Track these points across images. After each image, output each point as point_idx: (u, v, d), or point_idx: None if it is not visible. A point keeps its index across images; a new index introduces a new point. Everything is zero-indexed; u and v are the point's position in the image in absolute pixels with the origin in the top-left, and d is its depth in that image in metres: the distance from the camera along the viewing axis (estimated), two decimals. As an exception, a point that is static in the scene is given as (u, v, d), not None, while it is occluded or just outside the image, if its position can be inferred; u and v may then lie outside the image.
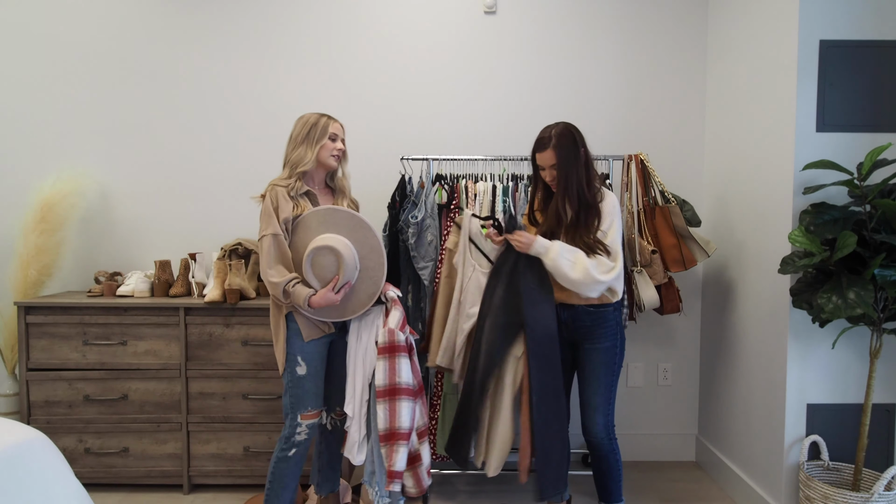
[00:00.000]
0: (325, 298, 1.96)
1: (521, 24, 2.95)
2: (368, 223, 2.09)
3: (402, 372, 2.02)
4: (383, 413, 2.01)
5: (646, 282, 2.47)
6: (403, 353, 2.04)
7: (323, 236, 2.02)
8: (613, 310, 2.06)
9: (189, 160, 2.97)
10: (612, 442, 2.10)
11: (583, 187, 2.00)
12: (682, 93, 2.95)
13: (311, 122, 2.10)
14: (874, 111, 2.13)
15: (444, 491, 2.68)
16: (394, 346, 2.03)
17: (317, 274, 1.99)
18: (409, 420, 2.02)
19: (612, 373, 2.06)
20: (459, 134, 2.96)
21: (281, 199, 2.02)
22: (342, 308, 2.07)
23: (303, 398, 2.06)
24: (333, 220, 2.06)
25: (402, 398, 2.01)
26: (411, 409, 2.04)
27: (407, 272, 2.64)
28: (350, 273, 2.02)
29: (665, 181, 2.78)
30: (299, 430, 2.06)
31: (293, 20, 2.94)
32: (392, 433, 2.01)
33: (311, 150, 2.08)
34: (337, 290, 1.98)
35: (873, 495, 1.90)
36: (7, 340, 2.78)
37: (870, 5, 2.12)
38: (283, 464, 2.08)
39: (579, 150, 2.01)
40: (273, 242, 1.99)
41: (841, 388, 2.19)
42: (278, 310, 2.07)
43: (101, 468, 2.59)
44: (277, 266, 1.99)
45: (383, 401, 2.01)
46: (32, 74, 2.93)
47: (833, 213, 1.98)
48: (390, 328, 2.03)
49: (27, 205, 2.78)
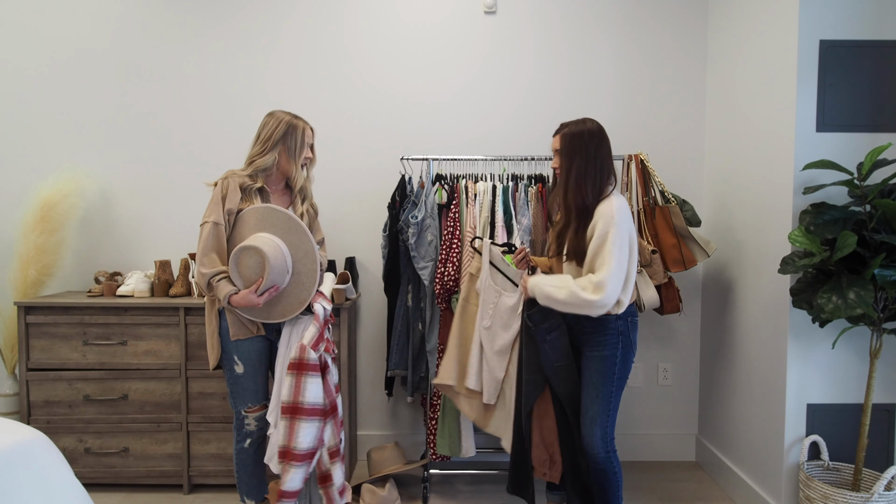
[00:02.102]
0: (245, 300, 1.90)
1: (521, 24, 2.95)
2: (305, 228, 2.00)
3: (307, 391, 1.95)
4: (283, 430, 1.96)
5: (646, 282, 2.47)
6: (313, 373, 1.97)
7: (256, 235, 1.96)
8: (617, 318, 1.95)
9: (189, 160, 2.97)
10: (609, 455, 1.99)
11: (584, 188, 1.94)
12: (682, 93, 2.95)
13: (286, 126, 2.05)
14: (874, 111, 2.13)
15: (444, 491, 2.68)
16: (302, 363, 1.96)
17: (242, 273, 1.93)
18: (309, 441, 1.95)
19: (609, 383, 1.96)
20: (459, 134, 2.96)
21: (231, 189, 1.99)
22: (269, 311, 2.01)
23: (242, 395, 2.06)
24: (271, 220, 1.99)
25: (303, 418, 1.94)
26: (314, 429, 1.97)
27: (407, 272, 2.64)
28: (277, 277, 1.94)
29: (665, 181, 2.79)
30: (247, 421, 2.08)
31: (294, 20, 2.94)
32: (287, 451, 1.94)
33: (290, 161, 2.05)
34: (260, 293, 1.92)
35: (873, 495, 1.90)
36: (7, 340, 2.78)
37: (870, 5, 2.12)
38: (242, 455, 2.12)
39: (590, 149, 1.94)
40: (212, 231, 1.96)
41: (841, 388, 2.19)
42: (212, 303, 2.04)
43: (101, 468, 2.59)
44: (211, 255, 1.95)
45: (285, 418, 1.96)
46: (32, 74, 2.93)
47: (833, 213, 1.98)
48: (302, 344, 1.96)
49: (27, 205, 2.78)
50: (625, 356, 1.97)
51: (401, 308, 2.66)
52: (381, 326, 2.97)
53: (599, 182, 1.96)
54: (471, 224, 2.51)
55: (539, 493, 2.63)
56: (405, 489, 2.66)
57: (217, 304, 2.02)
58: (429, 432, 2.58)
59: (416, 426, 3.01)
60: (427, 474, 2.62)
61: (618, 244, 1.84)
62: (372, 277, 2.99)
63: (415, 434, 3.01)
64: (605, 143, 1.98)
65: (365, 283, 3.00)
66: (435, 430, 2.56)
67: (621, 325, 1.96)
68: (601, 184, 1.96)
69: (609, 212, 1.87)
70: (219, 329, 2.03)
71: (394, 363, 2.67)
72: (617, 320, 1.96)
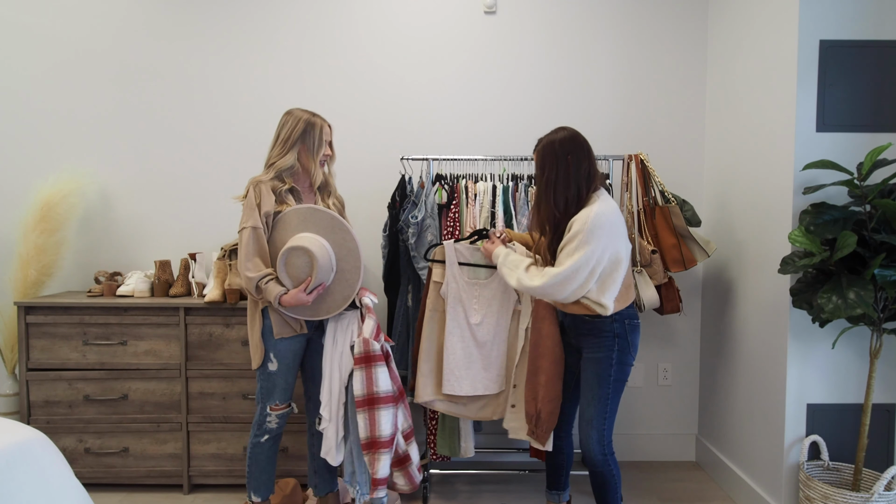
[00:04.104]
0: (295, 298, 1.96)
1: (521, 24, 2.95)
2: (348, 226, 2.07)
3: (379, 381, 2.03)
4: (363, 422, 2.03)
5: (646, 282, 2.46)
6: (380, 362, 2.05)
7: (300, 236, 2.01)
8: (612, 321, 1.93)
9: (189, 160, 2.97)
10: (606, 458, 1.97)
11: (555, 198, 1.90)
12: (682, 93, 2.95)
13: (304, 124, 2.07)
14: (874, 111, 2.13)
15: (444, 491, 2.68)
16: (369, 355, 2.03)
17: (290, 273, 1.99)
18: (390, 427, 2.05)
19: (605, 385, 1.94)
20: (459, 134, 2.96)
21: (264, 193, 2.02)
22: (315, 308, 2.07)
23: (271, 392, 2.10)
24: (313, 220, 2.05)
25: (381, 407, 2.03)
26: (391, 416, 2.06)
27: (407, 272, 2.64)
28: (324, 275, 2.01)
29: (665, 181, 2.79)
30: (269, 419, 2.11)
31: (294, 20, 2.94)
32: (373, 442, 2.03)
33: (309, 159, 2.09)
34: (309, 291, 1.98)
35: (873, 495, 1.90)
36: (7, 340, 2.78)
37: (870, 5, 2.11)
38: (257, 449, 2.14)
39: (560, 159, 1.90)
40: (252, 235, 1.99)
41: (841, 388, 2.19)
42: (255, 304, 2.07)
43: (101, 468, 2.59)
44: (254, 259, 1.99)
45: (363, 410, 2.03)
46: (33, 74, 2.93)
47: (833, 213, 1.97)
48: (365, 338, 2.04)
49: (27, 205, 2.78)
50: (621, 358, 1.94)
51: (401, 308, 2.66)
52: (382, 326, 2.97)
53: (575, 190, 1.89)
54: (471, 224, 2.51)
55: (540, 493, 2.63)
56: (405, 489, 2.66)
57: (260, 304, 2.05)
58: (429, 432, 2.58)
59: (417, 426, 3.01)
60: (427, 474, 2.62)
61: (583, 245, 1.80)
62: (372, 277, 2.99)
63: (415, 434, 3.00)
64: (578, 149, 1.91)
65: (365, 283, 3.00)
66: (435, 430, 2.56)
67: (617, 327, 1.94)
68: (578, 192, 1.90)
69: (584, 217, 1.83)
70: (262, 328, 2.05)
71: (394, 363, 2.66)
72: (612, 323, 1.93)
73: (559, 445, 2.21)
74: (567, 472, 2.27)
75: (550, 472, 2.27)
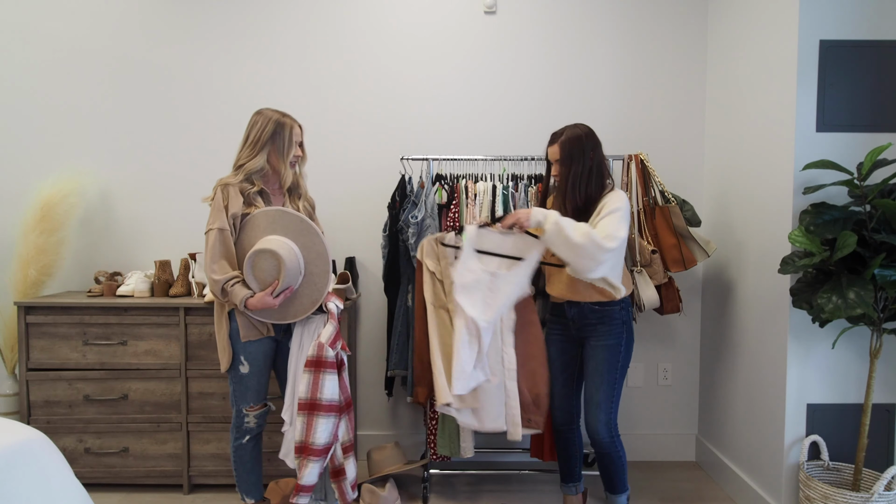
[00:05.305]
0: (262, 302, 1.93)
1: (521, 24, 2.95)
2: (317, 229, 2.04)
3: (325, 388, 2.00)
4: (301, 425, 2.01)
5: (646, 282, 2.47)
6: (330, 370, 2.01)
7: (268, 238, 1.98)
8: (620, 308, 2.08)
9: (189, 160, 2.97)
10: (613, 439, 2.10)
11: (583, 189, 2.04)
12: (682, 93, 2.95)
13: (274, 125, 2.03)
14: (874, 111, 2.13)
15: (443, 491, 2.68)
16: (320, 360, 2.00)
17: (257, 276, 1.96)
18: (326, 436, 2.01)
19: (615, 370, 2.08)
20: (459, 134, 2.96)
21: (232, 195, 1.99)
22: (283, 311, 2.04)
23: (245, 394, 2.09)
24: (282, 223, 2.01)
25: (320, 414, 2.00)
26: (331, 426, 2.02)
27: (407, 272, 2.64)
28: (292, 278, 1.98)
29: (665, 181, 2.79)
30: (247, 419, 2.11)
31: (294, 21, 2.94)
32: (305, 447, 2.00)
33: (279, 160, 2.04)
34: (276, 294, 1.95)
35: (873, 495, 1.90)
36: (7, 340, 2.78)
37: (870, 5, 2.12)
38: (241, 451, 2.15)
39: (587, 152, 2.04)
40: (219, 237, 1.96)
41: (841, 388, 2.19)
42: (221, 307, 2.05)
43: (101, 468, 2.59)
44: (221, 262, 1.96)
45: (303, 413, 2.01)
46: (33, 74, 2.93)
47: (833, 213, 1.98)
48: (320, 342, 2.01)
49: (27, 205, 2.78)
50: (628, 344, 2.10)
51: (401, 308, 2.66)
52: (381, 326, 2.97)
53: (599, 181, 2.07)
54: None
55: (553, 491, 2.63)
56: (405, 489, 2.66)
57: (226, 307, 2.03)
58: (429, 432, 2.58)
59: (417, 426, 3.01)
60: (427, 474, 2.62)
61: (625, 221, 1.94)
62: (372, 277, 2.99)
63: (415, 434, 3.01)
64: (599, 143, 2.09)
65: (365, 283, 3.00)
66: (435, 431, 2.56)
67: (624, 314, 2.09)
68: (602, 182, 2.08)
69: (620, 197, 2.00)
70: (228, 331, 2.04)
71: (394, 363, 2.67)
72: (620, 310, 2.08)
73: (569, 437, 2.26)
74: (580, 463, 2.33)
75: (563, 465, 2.32)
